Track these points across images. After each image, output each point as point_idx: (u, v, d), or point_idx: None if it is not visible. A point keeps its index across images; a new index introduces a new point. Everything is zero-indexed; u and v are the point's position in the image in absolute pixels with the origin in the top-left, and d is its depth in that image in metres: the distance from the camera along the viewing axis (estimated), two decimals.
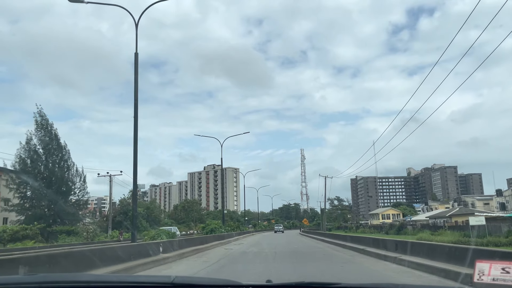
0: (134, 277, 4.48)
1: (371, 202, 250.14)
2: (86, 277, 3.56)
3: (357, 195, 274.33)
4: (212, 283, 2.74)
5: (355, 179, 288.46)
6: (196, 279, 3.29)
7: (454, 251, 10.99)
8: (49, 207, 41.26)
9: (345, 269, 13.05)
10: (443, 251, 11.48)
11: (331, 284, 2.47)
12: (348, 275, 11.17)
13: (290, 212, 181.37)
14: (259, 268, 13.11)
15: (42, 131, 42.82)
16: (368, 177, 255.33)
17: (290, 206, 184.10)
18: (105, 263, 10.44)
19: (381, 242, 18.01)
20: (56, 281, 2.66)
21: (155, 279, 3.05)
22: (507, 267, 2.62)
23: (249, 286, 2.57)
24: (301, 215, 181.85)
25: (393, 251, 15.21)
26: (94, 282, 2.70)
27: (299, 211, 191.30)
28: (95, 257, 10.40)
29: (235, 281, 2.57)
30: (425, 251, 12.50)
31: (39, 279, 2.70)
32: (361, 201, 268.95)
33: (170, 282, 2.48)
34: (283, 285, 2.62)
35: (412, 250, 13.56)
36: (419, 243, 14.51)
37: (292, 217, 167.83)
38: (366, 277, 10.82)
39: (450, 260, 10.54)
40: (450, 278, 9.39)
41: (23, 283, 2.64)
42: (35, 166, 41.59)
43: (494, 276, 2.64)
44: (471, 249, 10.51)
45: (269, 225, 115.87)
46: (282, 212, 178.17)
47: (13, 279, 3.00)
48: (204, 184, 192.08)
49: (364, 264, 14.22)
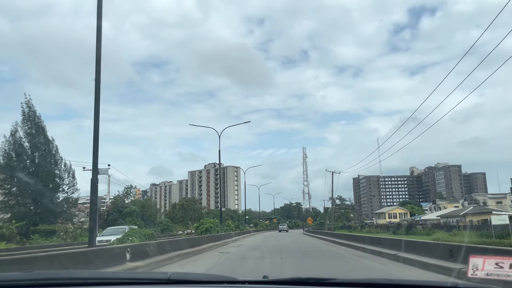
0: (131, 274, 4.65)
1: (374, 202, 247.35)
2: (83, 273, 3.39)
3: (359, 194, 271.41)
4: (208, 279, 2.73)
5: (357, 178, 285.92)
6: (192, 275, 3.01)
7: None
8: (35, 204, 38.43)
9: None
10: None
11: (327, 279, 2.49)
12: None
13: (292, 212, 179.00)
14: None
15: (29, 123, 39.94)
16: (370, 176, 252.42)
17: (292, 205, 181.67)
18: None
19: (423, 247, 14.42)
20: (52, 278, 2.65)
21: (152, 275, 3.11)
22: (500, 262, 2.68)
23: (245, 282, 2.53)
24: (303, 215, 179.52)
25: (446, 260, 11.56)
26: (90, 278, 2.70)
27: (301, 210, 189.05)
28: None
29: (231, 277, 2.59)
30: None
31: (36, 276, 2.69)
32: (364, 201, 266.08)
33: (166, 279, 2.51)
34: (279, 281, 2.64)
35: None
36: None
37: (294, 217, 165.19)
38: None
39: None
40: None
41: (20, 280, 2.63)
42: (21, 160, 38.73)
43: (488, 271, 2.71)
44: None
45: (271, 224, 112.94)
46: (284, 212, 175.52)
47: (9, 276, 2.93)
48: (205, 183, 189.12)
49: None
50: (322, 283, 2.50)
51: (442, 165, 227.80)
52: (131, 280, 2.71)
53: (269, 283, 2.61)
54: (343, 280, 2.52)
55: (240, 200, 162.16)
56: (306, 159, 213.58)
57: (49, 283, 2.53)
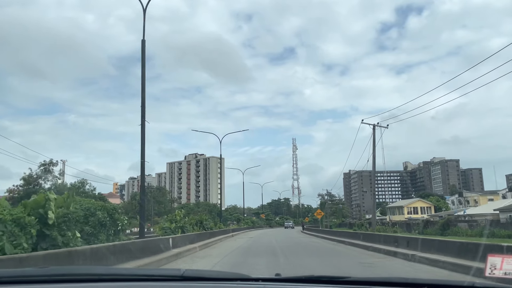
0: (145, 270, 4.39)
1: (366, 198, 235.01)
2: (97, 270, 3.27)
3: (350, 190, 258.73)
4: (221, 276, 2.68)
5: (348, 173, 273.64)
6: (206, 272, 3.06)
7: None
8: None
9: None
10: None
11: (340, 277, 2.45)
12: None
13: (280, 208, 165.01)
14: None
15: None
16: (362, 171, 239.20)
17: (280, 201, 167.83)
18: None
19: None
20: (67, 274, 2.68)
21: (166, 272, 3.04)
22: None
23: (258, 279, 2.50)
24: (292, 211, 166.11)
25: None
26: (105, 275, 2.67)
27: (290, 206, 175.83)
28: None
29: (244, 275, 2.57)
30: None
31: (51, 271, 2.69)
32: (355, 197, 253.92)
33: (180, 275, 2.50)
34: (292, 279, 2.59)
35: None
36: None
37: (283, 213, 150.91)
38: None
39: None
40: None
41: (35, 275, 2.62)
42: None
43: (507, 270, 2.66)
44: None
45: (259, 221, 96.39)
46: (271, 208, 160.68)
47: (24, 271, 2.95)
48: (185, 175, 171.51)
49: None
50: (335, 281, 2.45)
51: (439, 160, 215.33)
52: (145, 276, 2.69)
53: (282, 281, 2.55)
54: (357, 278, 2.49)
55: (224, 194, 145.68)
56: (296, 151, 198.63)
57: (63, 279, 2.54)
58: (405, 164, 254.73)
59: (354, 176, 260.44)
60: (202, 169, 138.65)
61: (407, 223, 53.04)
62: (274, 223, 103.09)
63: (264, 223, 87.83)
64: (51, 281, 2.49)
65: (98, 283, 2.51)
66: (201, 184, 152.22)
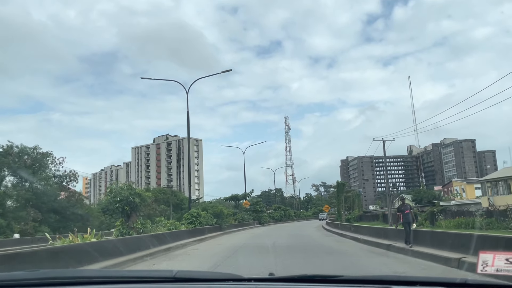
0: (136, 272, 4.41)
1: (368, 186, 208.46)
2: (88, 272, 3.39)
3: (348, 178, 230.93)
4: (214, 277, 2.71)
5: (346, 160, 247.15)
6: (197, 273, 3.03)
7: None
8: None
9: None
10: None
11: (333, 276, 2.47)
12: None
13: (271, 199, 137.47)
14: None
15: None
16: (363, 157, 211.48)
17: (271, 192, 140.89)
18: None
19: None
20: (57, 277, 2.64)
21: (157, 273, 3.03)
22: (511, 258, 2.61)
23: (251, 280, 2.49)
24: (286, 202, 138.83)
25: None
26: (95, 277, 2.66)
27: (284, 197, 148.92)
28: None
29: (237, 275, 2.56)
30: None
31: (41, 275, 2.64)
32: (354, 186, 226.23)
33: (172, 277, 2.49)
34: (285, 278, 2.59)
35: None
36: None
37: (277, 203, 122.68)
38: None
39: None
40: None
41: (25, 279, 2.59)
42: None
43: (498, 266, 2.64)
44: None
45: (245, 214, 62.61)
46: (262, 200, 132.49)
47: (14, 275, 2.89)
48: (154, 160, 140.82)
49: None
50: (328, 280, 2.47)
51: (451, 141, 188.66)
52: (136, 278, 2.70)
53: (275, 281, 2.56)
54: (350, 277, 2.50)
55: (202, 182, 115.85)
56: (289, 131, 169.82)
57: (53, 282, 2.51)
58: (409, 148, 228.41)
59: (353, 163, 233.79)
60: (174, 152, 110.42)
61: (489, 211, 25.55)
62: (267, 218, 63.87)
63: (250, 217, 56.80)
64: (41, 284, 2.45)
65: (89, 286, 2.47)
66: (174, 172, 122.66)
